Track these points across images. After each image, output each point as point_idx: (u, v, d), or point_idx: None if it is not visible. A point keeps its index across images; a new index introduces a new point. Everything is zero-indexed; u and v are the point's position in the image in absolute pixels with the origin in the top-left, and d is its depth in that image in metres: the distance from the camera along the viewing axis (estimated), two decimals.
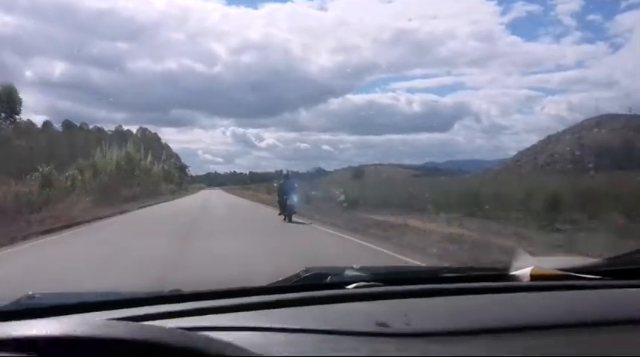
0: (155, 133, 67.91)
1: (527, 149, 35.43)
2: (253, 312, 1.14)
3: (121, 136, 49.93)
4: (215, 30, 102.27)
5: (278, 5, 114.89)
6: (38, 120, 53.94)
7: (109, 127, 53.98)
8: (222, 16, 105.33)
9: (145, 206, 28.16)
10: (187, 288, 1.35)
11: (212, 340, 0.80)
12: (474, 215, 14.09)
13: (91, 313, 1.17)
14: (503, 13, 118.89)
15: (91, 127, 52.18)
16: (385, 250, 9.29)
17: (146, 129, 66.26)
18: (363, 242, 10.69)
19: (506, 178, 23.24)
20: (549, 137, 34.22)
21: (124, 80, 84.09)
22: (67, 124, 48.68)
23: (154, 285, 5.48)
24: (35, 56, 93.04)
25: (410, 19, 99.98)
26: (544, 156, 28.13)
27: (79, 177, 28.10)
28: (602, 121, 30.32)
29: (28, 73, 72.24)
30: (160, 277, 6.23)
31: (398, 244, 9.96)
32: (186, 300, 1.24)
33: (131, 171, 39.43)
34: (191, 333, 0.82)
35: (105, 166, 34.45)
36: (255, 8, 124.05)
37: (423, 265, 6.46)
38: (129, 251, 9.43)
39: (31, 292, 1.32)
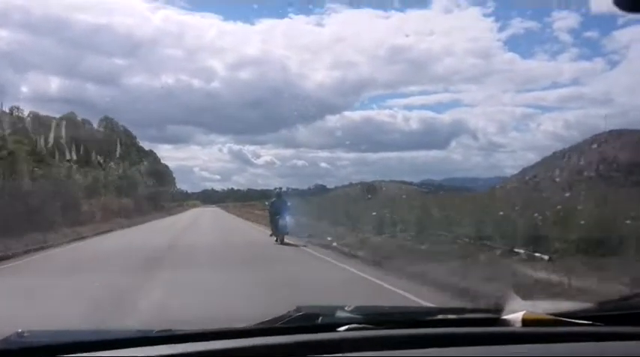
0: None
1: (532, 167, 35.51)
2: None
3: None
4: (212, 46, 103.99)
5: (275, 21, 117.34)
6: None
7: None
8: (219, 32, 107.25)
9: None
10: (172, 326, 1.40)
11: None
12: (586, 253, 8.63)
13: (76, 355, 1.20)
14: (501, 29, 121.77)
15: None
16: None
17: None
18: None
19: (534, 195, 19.05)
20: (554, 154, 34.47)
21: (120, 96, 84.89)
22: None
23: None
24: (30, 71, 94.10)
25: (407, 36, 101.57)
26: (566, 172, 28.03)
27: None
28: (610, 138, 30.61)
29: (24, 89, 73.00)
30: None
31: None
32: (172, 341, 1.28)
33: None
34: None
35: None
36: (252, 24, 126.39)
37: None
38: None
39: (20, 330, 1.37)
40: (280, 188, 18.84)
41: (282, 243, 15.29)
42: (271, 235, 16.27)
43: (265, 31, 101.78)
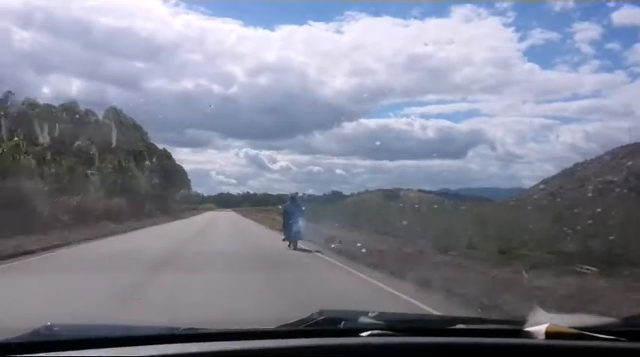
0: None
1: (553, 178, 34.94)
2: None
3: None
4: (232, 51, 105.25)
5: (294, 27, 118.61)
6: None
7: None
8: (239, 37, 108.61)
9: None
10: (198, 325, 1.43)
11: None
12: None
13: (104, 350, 1.24)
14: (521, 39, 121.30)
15: None
16: None
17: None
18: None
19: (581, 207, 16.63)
20: (575, 165, 33.94)
21: (139, 99, 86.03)
22: None
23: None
24: (52, 73, 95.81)
25: (426, 44, 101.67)
26: (594, 184, 27.54)
27: None
28: (637, 149, 30.09)
29: (45, 90, 74.73)
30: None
31: None
32: (197, 340, 1.31)
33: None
34: None
35: None
36: (272, 30, 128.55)
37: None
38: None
39: (49, 323, 1.41)
40: (296, 193, 18.46)
41: (295, 248, 14.99)
42: (284, 240, 15.95)
43: (285, 37, 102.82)
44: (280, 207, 21.78)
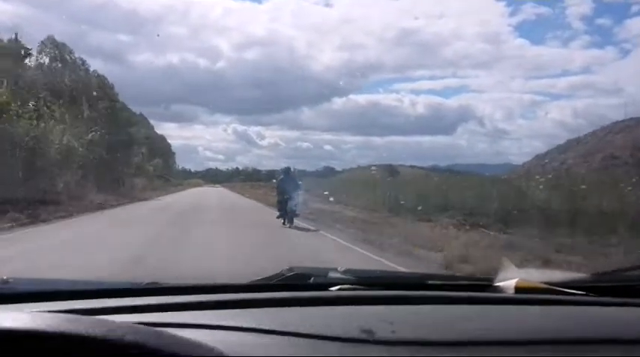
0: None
1: (545, 154, 35.15)
2: (232, 310, 1.18)
3: None
4: (218, 24, 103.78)
5: (283, 0, 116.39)
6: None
7: None
8: (225, 10, 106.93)
9: None
10: (166, 281, 1.42)
11: (182, 339, 0.80)
12: None
13: (63, 302, 1.21)
14: (512, 14, 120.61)
15: None
16: None
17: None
18: None
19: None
20: (569, 141, 34.23)
21: (124, 73, 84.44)
22: None
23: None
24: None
25: (416, 18, 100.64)
26: (598, 158, 27.72)
27: None
28: (632, 123, 30.36)
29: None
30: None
31: None
32: (162, 293, 1.30)
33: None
34: (160, 330, 0.82)
35: None
36: (260, 2, 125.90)
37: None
38: None
39: (5, 277, 1.41)
40: (288, 168, 17.25)
41: (291, 226, 14.41)
42: (278, 217, 15.29)
43: (273, 9, 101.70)
44: (274, 181, 21.04)
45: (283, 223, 14.83)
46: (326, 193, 24.07)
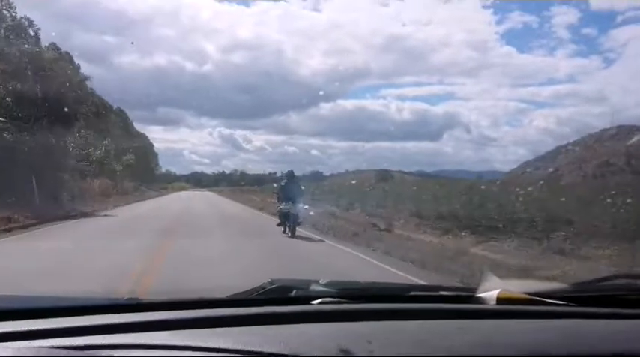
0: None
1: (534, 161, 35.48)
2: (206, 330, 1.18)
3: None
4: (205, 27, 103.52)
5: (270, 4, 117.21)
6: None
7: None
8: (213, 13, 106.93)
9: None
10: (146, 296, 1.40)
11: None
12: None
13: (37, 320, 1.19)
14: (499, 22, 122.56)
15: None
16: None
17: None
18: None
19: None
20: (558, 148, 34.58)
21: (109, 75, 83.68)
22: None
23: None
24: None
25: (404, 25, 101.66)
26: (591, 165, 28.04)
27: None
28: (620, 132, 30.77)
29: None
30: None
31: None
32: (140, 309, 1.29)
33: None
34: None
35: None
36: (247, 6, 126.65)
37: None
38: None
39: None
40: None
41: (294, 235, 13.22)
42: (278, 225, 14.16)
43: (260, 13, 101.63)
44: (275, 185, 19.69)
45: (283, 232, 13.71)
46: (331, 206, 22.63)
